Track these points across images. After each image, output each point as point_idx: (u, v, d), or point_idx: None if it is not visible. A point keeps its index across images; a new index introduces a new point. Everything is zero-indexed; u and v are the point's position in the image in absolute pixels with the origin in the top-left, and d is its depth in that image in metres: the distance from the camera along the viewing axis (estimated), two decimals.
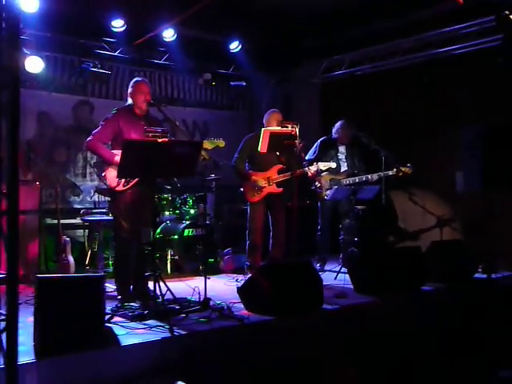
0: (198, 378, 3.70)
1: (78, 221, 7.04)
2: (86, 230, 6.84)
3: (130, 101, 5.00)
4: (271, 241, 6.15)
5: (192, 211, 7.02)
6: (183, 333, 3.94)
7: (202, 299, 4.68)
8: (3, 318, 2.57)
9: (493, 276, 6.12)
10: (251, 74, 8.50)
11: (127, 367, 3.58)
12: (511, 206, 6.97)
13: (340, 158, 7.04)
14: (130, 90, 5.00)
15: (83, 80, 7.45)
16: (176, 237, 6.63)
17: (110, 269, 6.22)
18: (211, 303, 4.60)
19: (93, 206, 7.30)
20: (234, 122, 8.59)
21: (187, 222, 6.82)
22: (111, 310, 4.40)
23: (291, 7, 7.63)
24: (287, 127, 5.68)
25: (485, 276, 6.13)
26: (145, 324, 4.17)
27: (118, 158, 4.68)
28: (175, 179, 6.54)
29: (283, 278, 4.60)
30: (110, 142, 4.94)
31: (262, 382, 4.04)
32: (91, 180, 7.63)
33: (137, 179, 4.74)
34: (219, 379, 3.86)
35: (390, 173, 6.45)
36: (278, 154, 5.94)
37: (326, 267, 6.93)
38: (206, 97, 8.81)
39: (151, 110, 5.04)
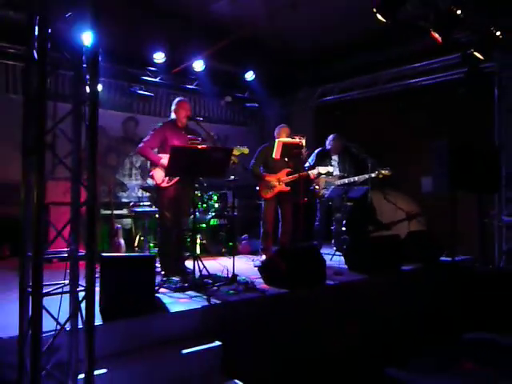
0: (230, 339, 3.54)
1: (125, 212, 6.88)
2: (132, 219, 6.66)
3: (173, 115, 4.84)
4: (280, 230, 5.98)
5: (216, 205, 6.85)
6: (218, 302, 3.78)
7: (229, 275, 4.52)
8: (82, 288, 2.39)
9: (456, 259, 5.98)
10: (262, 97, 8.38)
11: (175, 329, 3.43)
12: (467, 204, 6.90)
13: (333, 164, 6.89)
14: (173, 107, 4.84)
15: (130, 100, 7.29)
16: (204, 225, 6.47)
17: (153, 250, 6.02)
18: (238, 278, 4.44)
19: (137, 200, 7.14)
20: (247, 135, 8.42)
21: (213, 214, 6.65)
22: (157, 283, 4.22)
23: (293, 45, 7.62)
24: (295, 139, 5.54)
25: (449, 259, 5.98)
26: (186, 294, 4.02)
27: (163, 161, 4.54)
28: (202, 179, 6.38)
29: (295, 259, 4.45)
30: (157, 149, 4.78)
31: (279, 341, 3.89)
32: (136, 179, 7.46)
33: (178, 178, 4.58)
34: (247, 340, 3.71)
35: (373, 175, 6.29)
36: (286, 160, 5.77)
37: (322, 251, 6.78)
38: (226, 115, 8.64)
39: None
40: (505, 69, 6.12)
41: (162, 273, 4.61)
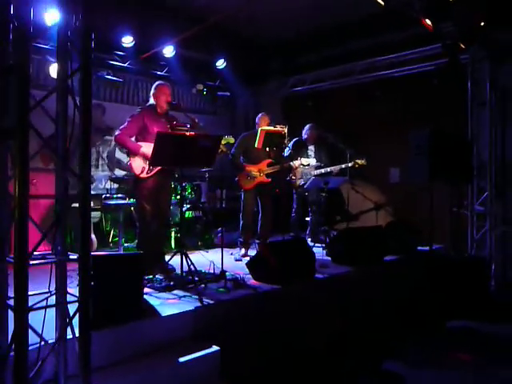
0: (225, 341, 3.18)
1: (91, 204, 6.29)
2: (101, 213, 6.10)
3: (151, 101, 4.36)
4: (259, 222, 5.66)
5: (190, 197, 6.41)
6: (211, 302, 3.41)
7: (215, 271, 4.14)
8: (75, 299, 1.95)
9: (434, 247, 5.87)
10: (233, 86, 7.97)
11: (167, 335, 3.03)
12: (436, 194, 6.88)
13: (310, 154, 6.64)
14: (152, 91, 4.36)
15: (97, 86, 6.66)
16: (178, 218, 6.01)
17: (126, 246, 5.52)
18: (226, 275, 4.06)
19: (105, 192, 6.57)
20: (218, 125, 7.97)
21: (187, 206, 6.21)
22: None
23: (265, 33, 7.32)
24: (276, 127, 5.21)
25: (427, 248, 5.87)
26: (173, 294, 3.61)
27: (144, 149, 4.09)
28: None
29: (285, 253, 4.13)
30: (134, 137, 4.29)
31: (274, 339, 3.58)
32: (102, 170, 6.86)
33: (158, 168, 4.13)
34: (242, 341, 3.37)
35: (350, 165, 6.09)
36: (267, 149, 5.43)
37: None
38: (197, 104, 8.15)
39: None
40: (478, 62, 6.04)
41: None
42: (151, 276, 3.97)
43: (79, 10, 2.21)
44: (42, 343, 1.98)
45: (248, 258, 5.35)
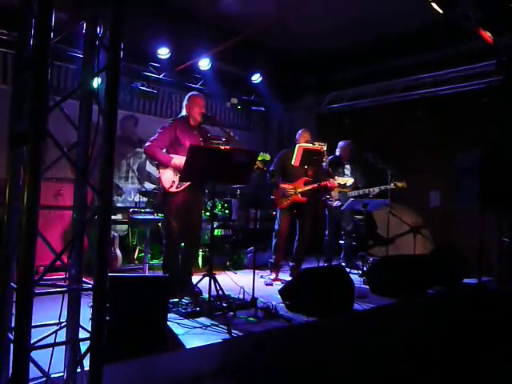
0: (256, 376, 2.82)
1: (119, 217, 6.10)
2: (128, 226, 5.88)
3: (184, 112, 4.12)
4: (296, 243, 5.30)
5: (220, 214, 6.11)
6: (240, 334, 3.05)
7: (245, 296, 3.79)
8: (87, 336, 1.63)
9: (483, 280, 5.34)
10: (268, 101, 7.71)
11: (190, 369, 2.69)
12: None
13: (346, 173, 6.26)
14: (185, 102, 4.12)
15: (130, 97, 6.51)
16: (207, 236, 5.71)
17: (153, 263, 5.24)
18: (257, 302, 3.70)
19: (133, 206, 6.36)
20: (251, 141, 7.69)
21: (217, 223, 5.91)
22: None
23: (302, 48, 7.03)
24: (315, 145, 4.88)
25: (475, 280, 5.34)
26: (198, 322, 3.27)
27: (175, 161, 3.82)
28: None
29: (323, 282, 3.75)
30: (165, 149, 4.04)
31: (308, 376, 3.19)
32: (132, 183, 6.66)
33: (188, 183, 3.85)
34: (273, 377, 2.99)
35: (389, 187, 5.68)
36: (306, 167, 5.09)
37: None
38: (231, 119, 7.92)
39: None
40: None
41: None
42: (176, 299, 3.65)
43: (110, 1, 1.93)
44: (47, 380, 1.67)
45: (278, 282, 5.04)
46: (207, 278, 3.48)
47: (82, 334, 1.73)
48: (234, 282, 4.03)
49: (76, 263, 1.76)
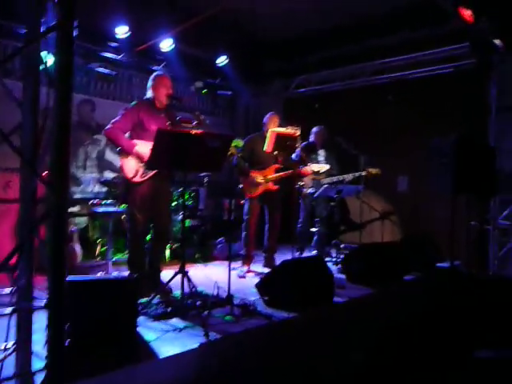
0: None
1: (77, 209, 5.64)
2: (88, 219, 5.43)
3: (149, 94, 3.74)
4: (266, 233, 5.05)
5: (188, 204, 5.75)
6: (217, 336, 2.78)
7: (217, 292, 3.51)
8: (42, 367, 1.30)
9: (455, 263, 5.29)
10: (235, 85, 7.35)
11: (167, 380, 2.39)
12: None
13: (320, 160, 6.04)
14: (150, 83, 3.74)
15: (87, 80, 5.99)
16: (175, 227, 5.36)
17: (116, 259, 4.85)
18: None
19: (93, 196, 5.90)
20: (217, 126, 7.32)
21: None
22: None
23: (268, 32, 6.73)
24: (288, 129, 4.60)
25: (447, 264, 5.29)
26: (171, 324, 2.97)
27: (139, 148, 3.45)
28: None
29: (302, 274, 3.52)
30: (128, 133, 3.66)
31: (293, 374, 2.97)
32: (91, 172, 6.18)
33: (154, 171, 3.50)
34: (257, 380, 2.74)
35: (362, 173, 5.52)
36: (275, 153, 4.82)
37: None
38: (195, 103, 7.50)
39: None
40: (506, 63, 5.50)
41: None
42: (145, 299, 3.32)
43: None
44: None
45: (252, 274, 4.79)
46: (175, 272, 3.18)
47: (37, 362, 1.39)
48: (206, 282, 3.71)
49: (25, 274, 1.41)
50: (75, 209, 5.68)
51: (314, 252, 6.27)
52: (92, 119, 6.10)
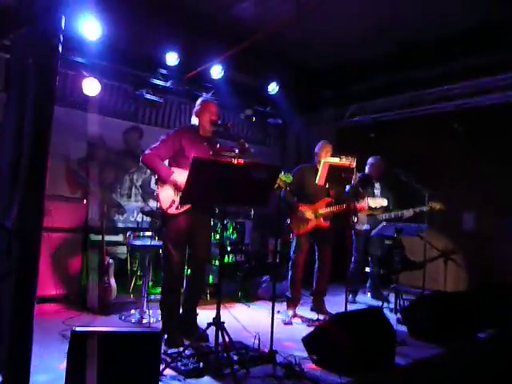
0: None
1: (120, 238, 5.42)
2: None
3: (194, 120, 3.43)
4: (316, 275, 4.53)
5: (231, 237, 5.36)
6: None
7: (259, 346, 3.01)
8: None
9: None
10: (285, 114, 7.01)
11: None
12: None
13: (376, 193, 5.51)
14: (196, 108, 3.44)
15: (135, 107, 5.86)
16: (217, 262, 4.95)
17: (153, 296, 4.49)
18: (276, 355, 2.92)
19: (135, 226, 5.67)
20: (267, 156, 6.96)
21: (228, 248, 5.16)
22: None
23: (320, 59, 6.39)
24: (342, 159, 4.11)
25: None
26: (202, 382, 2.51)
27: (177, 176, 3.09)
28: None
29: (358, 329, 2.96)
30: (167, 161, 3.34)
31: None
32: (135, 201, 5.96)
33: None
34: None
35: (424, 209, 4.89)
36: (327, 186, 4.34)
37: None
38: (245, 132, 7.20)
39: None
40: None
41: (165, 337, 3.10)
42: (176, 349, 2.90)
43: None
44: None
45: (299, 321, 4.25)
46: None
47: None
48: (247, 330, 3.21)
49: None
50: (118, 237, 5.48)
51: (369, 296, 5.66)
52: (139, 147, 5.92)
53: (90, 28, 4.64)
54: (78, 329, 2.03)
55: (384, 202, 4.65)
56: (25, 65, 1.31)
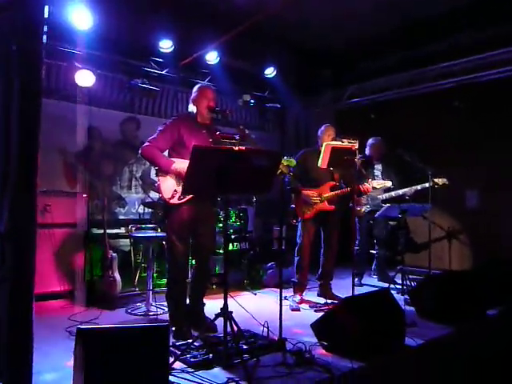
0: None
1: (122, 231, 5.36)
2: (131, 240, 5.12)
3: (191, 108, 3.35)
4: (322, 257, 4.50)
5: (235, 225, 5.30)
6: None
7: (268, 334, 2.97)
8: None
9: None
10: (283, 98, 6.87)
11: None
12: None
13: (376, 174, 5.46)
14: (193, 95, 3.35)
15: (131, 97, 5.75)
16: (221, 251, 4.91)
17: (159, 289, 4.46)
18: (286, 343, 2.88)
19: (137, 218, 5.60)
20: (266, 142, 6.81)
21: (232, 237, 5.11)
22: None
23: (319, 39, 6.20)
24: (344, 142, 4.04)
25: None
26: (211, 376, 2.47)
27: (176, 166, 3.03)
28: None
29: (367, 312, 2.92)
30: (167, 151, 3.27)
31: None
32: (136, 192, 5.90)
33: None
34: None
35: (427, 185, 4.81)
36: (331, 169, 4.27)
37: (364, 282, 5.42)
38: (243, 117, 7.11)
39: None
40: None
41: (173, 329, 3.07)
42: (184, 341, 2.86)
43: None
44: None
45: (306, 305, 4.22)
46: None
47: None
48: (255, 318, 3.17)
49: None
50: (120, 230, 5.43)
51: (375, 278, 5.63)
52: (136, 138, 5.83)
53: (80, 17, 4.53)
54: (83, 326, 1.98)
55: (388, 183, 4.59)
56: (10, 51, 1.24)
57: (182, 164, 3.00)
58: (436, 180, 4.77)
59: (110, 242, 4.51)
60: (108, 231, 4.53)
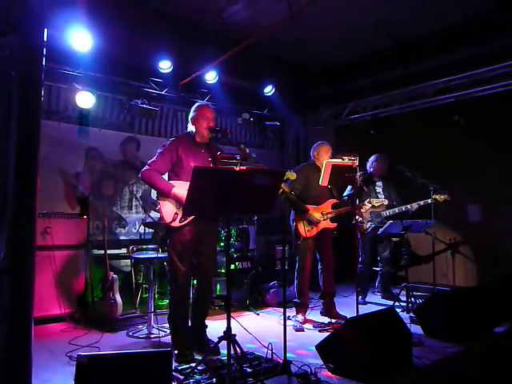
0: None
1: (123, 251, 5.34)
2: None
3: (190, 127, 3.35)
4: (321, 276, 4.46)
5: (236, 244, 5.28)
6: None
7: (271, 356, 2.93)
8: None
9: None
10: (282, 116, 6.93)
11: None
12: None
13: (378, 191, 5.44)
14: (192, 114, 3.35)
15: (131, 117, 5.79)
16: (223, 271, 4.88)
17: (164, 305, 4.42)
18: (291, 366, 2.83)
19: (138, 238, 5.57)
20: (266, 160, 6.86)
21: (233, 255, 5.08)
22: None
23: (316, 59, 6.38)
24: (344, 159, 4.04)
25: None
26: None
27: (175, 191, 3.02)
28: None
29: (372, 332, 2.88)
30: (167, 174, 3.27)
31: None
32: (136, 212, 5.88)
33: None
34: None
35: (429, 201, 4.80)
36: (330, 187, 4.27)
37: (368, 300, 5.36)
38: (242, 136, 7.14)
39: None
40: None
41: (175, 352, 3.02)
42: (186, 365, 2.82)
43: None
44: None
45: (310, 325, 4.17)
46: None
47: None
48: (258, 340, 3.12)
49: None
50: (121, 251, 5.40)
51: (379, 295, 5.58)
52: (136, 158, 5.84)
53: (80, 40, 4.58)
54: (83, 353, 1.95)
55: (385, 202, 4.59)
56: (9, 77, 1.24)
57: (181, 190, 3.00)
58: (436, 197, 4.77)
59: (110, 264, 4.48)
60: (109, 252, 4.51)
